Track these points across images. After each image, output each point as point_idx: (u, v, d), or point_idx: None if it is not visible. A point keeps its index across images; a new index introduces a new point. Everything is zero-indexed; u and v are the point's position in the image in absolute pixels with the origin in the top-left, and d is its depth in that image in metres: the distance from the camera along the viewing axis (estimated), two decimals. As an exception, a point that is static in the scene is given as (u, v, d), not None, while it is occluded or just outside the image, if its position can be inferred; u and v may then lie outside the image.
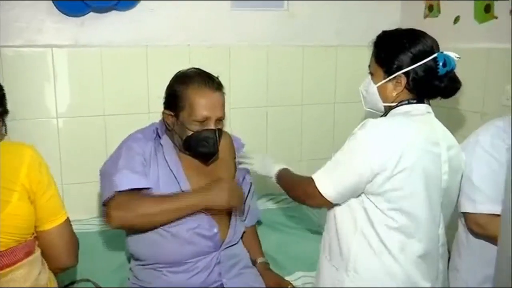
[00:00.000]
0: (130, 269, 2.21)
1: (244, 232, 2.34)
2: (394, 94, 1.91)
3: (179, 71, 2.19)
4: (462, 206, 2.10)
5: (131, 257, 2.22)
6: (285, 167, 2.19)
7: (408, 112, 1.89)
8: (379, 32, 2.01)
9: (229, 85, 2.19)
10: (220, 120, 2.11)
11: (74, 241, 1.83)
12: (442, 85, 1.88)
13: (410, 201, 1.82)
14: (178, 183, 2.10)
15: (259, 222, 2.69)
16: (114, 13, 2.83)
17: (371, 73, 1.98)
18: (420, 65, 1.85)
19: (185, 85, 2.09)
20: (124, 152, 2.09)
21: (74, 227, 1.87)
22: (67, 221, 1.79)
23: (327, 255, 2.00)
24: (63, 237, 1.78)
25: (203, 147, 2.09)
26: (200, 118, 2.05)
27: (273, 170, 2.18)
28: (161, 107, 2.18)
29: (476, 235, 2.11)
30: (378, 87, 1.95)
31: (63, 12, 2.73)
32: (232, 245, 2.22)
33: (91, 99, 2.85)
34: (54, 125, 2.80)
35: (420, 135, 1.84)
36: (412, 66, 1.85)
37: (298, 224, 2.89)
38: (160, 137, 2.19)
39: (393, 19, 3.38)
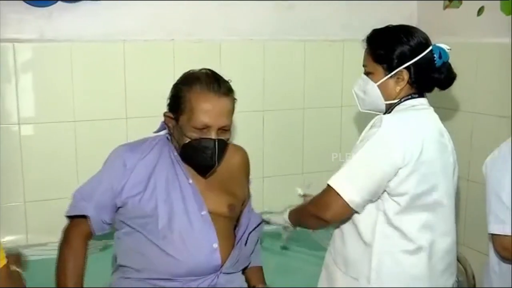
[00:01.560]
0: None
1: (248, 267, 2.37)
2: (397, 90, 2.09)
3: (189, 70, 2.21)
4: (491, 226, 2.16)
5: (115, 271, 2.25)
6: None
7: (415, 106, 2.08)
8: (391, 23, 2.18)
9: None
10: (224, 129, 2.13)
11: None
12: (441, 77, 2.09)
13: (433, 194, 2.01)
14: (182, 192, 2.17)
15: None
16: (86, 3, 2.80)
17: (369, 73, 2.14)
18: (420, 58, 2.05)
19: (188, 87, 2.12)
20: (104, 168, 2.21)
21: (37, 252, 1.78)
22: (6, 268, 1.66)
23: (342, 267, 2.12)
24: None
25: (200, 158, 2.12)
26: (199, 125, 2.07)
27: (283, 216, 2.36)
28: (142, 112, 2.14)
29: (504, 259, 2.17)
30: (379, 86, 2.10)
31: (26, 1, 2.70)
32: (233, 273, 2.23)
33: (59, 103, 2.82)
34: (15, 132, 2.77)
35: (432, 127, 2.08)
36: (413, 60, 2.04)
37: (299, 246, 2.89)
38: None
39: (407, 9, 3.43)
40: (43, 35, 2.77)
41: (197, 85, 2.09)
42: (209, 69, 2.19)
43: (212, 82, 2.11)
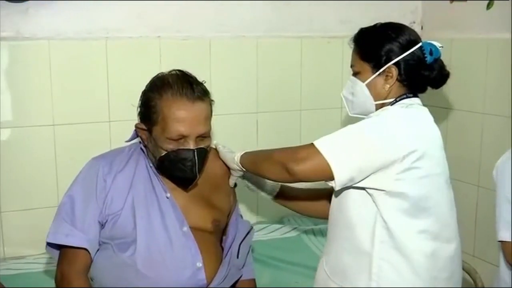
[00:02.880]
0: None
1: (239, 281, 2.32)
2: (387, 88, 2.12)
3: (158, 74, 2.18)
4: (500, 233, 2.17)
5: None
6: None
7: (412, 105, 2.12)
8: (394, 18, 2.26)
9: (209, 86, 2.15)
10: (202, 137, 2.11)
11: None
12: (432, 75, 2.13)
13: (434, 197, 2.03)
14: (160, 208, 2.14)
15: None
16: (65, -3, 2.80)
17: (357, 73, 2.18)
18: (409, 54, 2.09)
19: (158, 94, 2.08)
20: (80, 186, 2.16)
21: (15, 266, 1.80)
22: None
23: (337, 279, 2.12)
24: None
25: (179, 171, 2.10)
26: (174, 135, 2.05)
27: (236, 155, 2.24)
28: (126, 115, 2.14)
29: None
30: (367, 85, 2.14)
31: (1, -4, 2.70)
32: None
33: (37, 105, 2.81)
34: (-10, 137, 2.78)
35: (434, 125, 2.11)
36: (401, 56, 2.09)
37: (295, 258, 2.89)
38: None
39: (411, 3, 3.44)
40: (19, 33, 2.76)
41: (168, 91, 2.06)
42: (179, 70, 2.16)
43: (184, 86, 2.07)
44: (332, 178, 1.95)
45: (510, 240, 2.14)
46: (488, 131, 3.01)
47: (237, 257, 2.29)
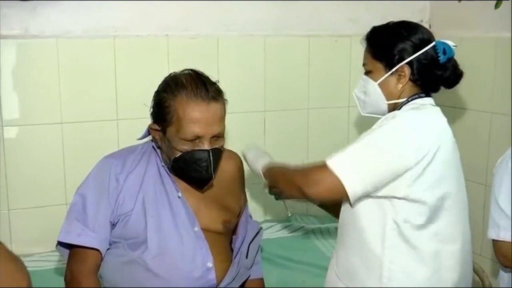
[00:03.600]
0: None
1: (247, 280, 2.33)
2: (399, 87, 2.12)
3: (171, 74, 2.17)
4: (488, 232, 2.24)
5: None
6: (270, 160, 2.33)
7: (424, 105, 2.11)
8: (402, 17, 2.25)
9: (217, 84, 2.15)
10: (217, 137, 2.11)
11: None
12: (445, 74, 2.12)
13: (448, 200, 2.02)
14: (171, 207, 2.15)
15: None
16: (73, -4, 2.80)
17: (369, 71, 2.18)
18: (422, 53, 2.09)
19: (172, 95, 2.08)
20: (92, 185, 2.16)
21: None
22: None
23: (347, 282, 2.11)
24: None
25: (194, 171, 2.10)
26: (189, 136, 2.05)
27: (260, 164, 2.29)
28: (134, 113, 2.13)
29: (504, 267, 2.23)
30: (380, 84, 2.14)
31: (8, -6, 2.70)
32: None
33: (45, 103, 2.82)
34: (-2, 135, 2.78)
35: (447, 126, 2.10)
36: (414, 55, 2.08)
37: (302, 257, 2.88)
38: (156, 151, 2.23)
39: (419, 1, 3.44)
40: (27, 31, 2.76)
41: (182, 92, 2.05)
42: (192, 70, 2.15)
43: (198, 86, 2.06)
44: (346, 196, 1.95)
45: (495, 238, 2.20)
46: (496, 130, 3.00)
47: (246, 257, 2.28)
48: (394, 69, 2.10)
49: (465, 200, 2.13)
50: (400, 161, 1.93)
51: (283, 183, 2.16)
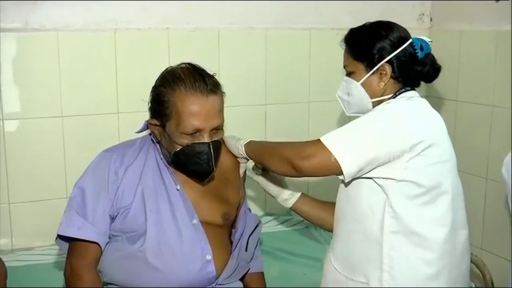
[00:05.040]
0: None
1: (247, 274, 2.33)
2: (382, 86, 2.16)
3: (167, 68, 2.17)
4: None
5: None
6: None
7: (412, 97, 2.16)
8: (403, 10, 2.35)
9: (218, 78, 2.16)
10: (216, 129, 2.11)
11: None
12: (425, 69, 2.17)
13: (445, 184, 2.04)
14: (170, 200, 2.15)
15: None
16: (74, -11, 2.80)
17: (351, 73, 2.22)
18: (401, 50, 2.13)
19: (171, 88, 2.08)
20: (91, 179, 2.15)
21: (24, 257, 1.80)
22: None
23: (347, 272, 2.12)
24: None
25: (195, 165, 2.10)
26: (189, 130, 2.05)
27: (240, 142, 2.27)
28: (135, 106, 2.12)
29: None
30: (362, 84, 2.18)
31: (9, -12, 2.69)
32: (231, 283, 2.20)
33: (46, 96, 2.82)
34: (-2, 128, 2.78)
35: (437, 114, 2.16)
36: (393, 53, 2.13)
37: (303, 250, 2.89)
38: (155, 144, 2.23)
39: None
40: (28, 24, 2.76)
41: (180, 86, 2.06)
42: (189, 64, 2.15)
43: (196, 80, 2.06)
44: (340, 172, 1.97)
45: None
46: (497, 124, 2.99)
47: (246, 250, 2.29)
48: (375, 68, 2.14)
49: (459, 186, 2.15)
50: (396, 142, 1.96)
51: (270, 156, 2.15)
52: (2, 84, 2.74)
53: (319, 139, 2.01)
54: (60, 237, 2.12)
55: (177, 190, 2.15)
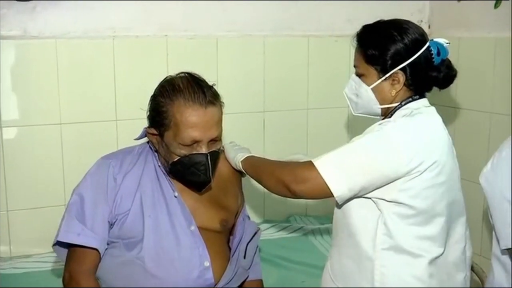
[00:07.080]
0: None
1: (245, 281, 2.32)
2: (393, 93, 2.07)
3: (166, 77, 2.16)
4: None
5: None
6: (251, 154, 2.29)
7: (419, 109, 2.05)
8: (401, 17, 2.15)
9: (216, 85, 2.15)
10: (214, 140, 2.11)
11: None
12: (440, 75, 2.07)
13: (441, 204, 1.99)
14: (168, 207, 2.15)
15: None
16: (72, -4, 2.80)
17: (361, 74, 2.11)
18: (416, 57, 2.01)
19: (169, 99, 2.07)
20: (89, 185, 2.15)
21: (22, 264, 1.80)
22: None
23: (341, 283, 2.11)
24: None
25: (193, 175, 2.10)
26: (187, 141, 2.05)
27: (238, 158, 2.26)
28: (133, 114, 2.12)
29: None
30: (373, 89, 2.09)
31: (7, -5, 2.70)
32: None
33: (44, 104, 2.82)
34: (-3, 136, 2.76)
35: (442, 130, 2.06)
36: (409, 60, 2.01)
37: (302, 257, 2.88)
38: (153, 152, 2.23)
39: (419, 1, 3.44)
40: (26, 31, 2.76)
41: (179, 97, 2.05)
42: (188, 73, 2.14)
43: (195, 91, 2.06)
44: (332, 195, 1.96)
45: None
46: (495, 130, 2.98)
47: (244, 257, 2.28)
48: (387, 75, 2.04)
49: (460, 202, 2.11)
50: (390, 169, 1.91)
51: (266, 177, 2.15)
52: (1, 91, 2.74)
53: (312, 163, 1.98)
54: (58, 243, 2.11)
55: (175, 197, 2.15)
